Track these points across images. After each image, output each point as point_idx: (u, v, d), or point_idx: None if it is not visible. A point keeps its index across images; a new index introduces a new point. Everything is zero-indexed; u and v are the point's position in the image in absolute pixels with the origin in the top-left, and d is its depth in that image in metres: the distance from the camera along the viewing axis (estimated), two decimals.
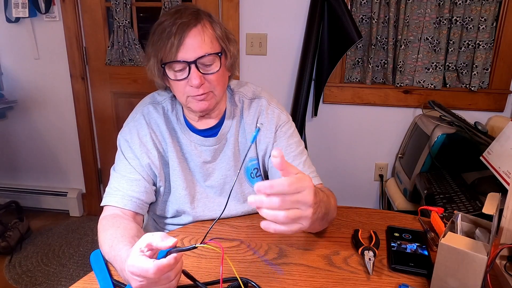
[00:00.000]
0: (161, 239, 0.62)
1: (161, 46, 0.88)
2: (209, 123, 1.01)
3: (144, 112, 0.99)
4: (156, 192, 1.01)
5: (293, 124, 1.07)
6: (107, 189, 0.95)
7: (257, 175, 1.05)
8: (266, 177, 1.06)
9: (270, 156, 1.02)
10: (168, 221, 1.05)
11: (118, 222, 0.86)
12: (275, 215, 0.61)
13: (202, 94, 0.90)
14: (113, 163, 1.00)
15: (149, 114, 0.99)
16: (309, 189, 0.63)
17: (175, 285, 0.65)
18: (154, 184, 0.99)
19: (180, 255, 0.62)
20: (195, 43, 0.87)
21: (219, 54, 0.90)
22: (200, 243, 0.61)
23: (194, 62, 0.87)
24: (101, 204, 0.94)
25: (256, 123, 1.02)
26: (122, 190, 0.92)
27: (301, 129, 2.15)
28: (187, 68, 0.88)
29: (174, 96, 0.99)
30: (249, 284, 0.75)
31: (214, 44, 0.90)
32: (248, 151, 1.01)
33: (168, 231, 1.04)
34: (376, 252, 0.84)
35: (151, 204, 1.01)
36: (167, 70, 0.91)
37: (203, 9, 0.93)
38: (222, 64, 0.92)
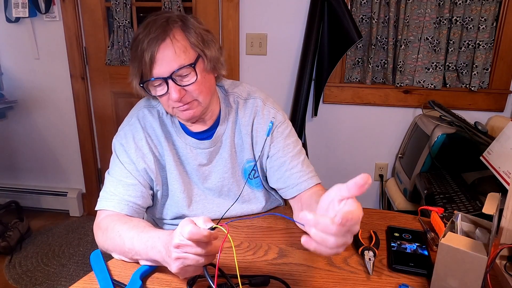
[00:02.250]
0: (202, 222, 0.65)
1: (137, 64, 0.87)
2: (204, 125, 1.00)
3: (139, 115, 0.99)
4: (154, 196, 1.00)
5: (290, 124, 1.05)
6: (102, 193, 0.94)
7: (255, 176, 1.05)
8: (264, 177, 1.06)
9: (268, 157, 1.02)
10: (167, 222, 1.05)
11: (129, 218, 0.88)
12: (325, 239, 0.57)
13: (185, 104, 0.90)
14: None
15: (144, 117, 0.99)
16: (359, 219, 0.57)
17: (204, 262, 0.66)
18: (151, 189, 0.98)
19: (215, 235, 0.64)
20: (167, 58, 0.85)
21: (193, 65, 0.87)
22: (215, 226, 0.65)
23: (170, 77, 0.86)
24: (96, 208, 0.93)
25: (252, 124, 1.01)
26: (118, 195, 0.91)
27: (301, 129, 2.15)
28: (165, 83, 0.87)
29: None
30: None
31: (188, 53, 0.87)
32: (264, 144, 1.00)
33: None
34: (376, 252, 0.84)
35: (149, 208, 1.01)
36: (147, 88, 0.90)
37: (175, 15, 0.90)
38: (199, 71, 0.89)
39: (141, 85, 0.89)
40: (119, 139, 0.98)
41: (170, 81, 0.86)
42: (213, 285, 0.63)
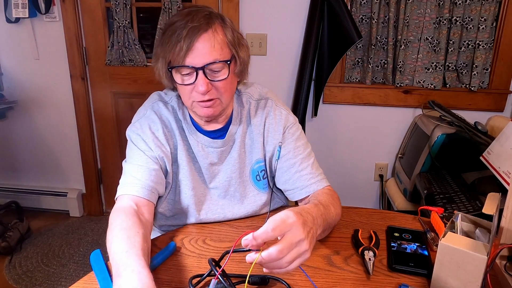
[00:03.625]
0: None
1: (170, 48, 0.87)
2: (216, 125, 1.00)
3: (155, 108, 0.98)
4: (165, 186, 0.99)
5: (300, 126, 1.06)
6: (123, 179, 0.92)
7: (263, 177, 1.05)
8: (272, 178, 1.06)
9: (278, 158, 1.02)
10: (169, 221, 1.04)
11: (132, 223, 0.79)
12: (278, 265, 0.63)
13: (208, 101, 0.89)
14: (114, 163, 1.00)
15: (160, 110, 0.98)
16: (295, 225, 0.64)
17: None
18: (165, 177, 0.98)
19: None
20: (205, 49, 0.85)
21: (228, 62, 0.88)
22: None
23: (202, 68, 0.86)
24: (118, 194, 0.89)
25: (264, 124, 1.01)
26: (142, 179, 0.89)
27: None
28: (195, 73, 0.87)
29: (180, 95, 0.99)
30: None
31: (224, 50, 0.88)
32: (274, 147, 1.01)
33: (165, 232, 1.03)
34: (376, 252, 0.84)
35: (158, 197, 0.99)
36: (174, 74, 0.90)
37: (216, 12, 0.91)
38: (231, 71, 0.90)
39: (170, 69, 0.89)
40: (135, 130, 0.96)
41: (200, 73, 0.86)
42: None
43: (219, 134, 1.00)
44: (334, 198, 0.95)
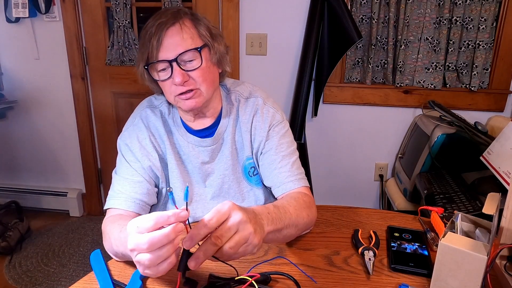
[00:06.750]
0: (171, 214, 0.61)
1: (145, 49, 0.89)
2: (205, 123, 1.01)
3: (142, 115, 1.00)
4: (158, 193, 1.01)
5: (287, 124, 1.06)
6: (110, 192, 0.95)
7: (254, 173, 1.05)
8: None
9: (261, 154, 1.02)
10: None
11: (125, 218, 0.86)
12: (222, 253, 0.61)
13: (188, 92, 0.90)
14: (113, 163, 1.01)
15: (147, 117, 1.00)
16: (234, 210, 0.62)
17: (174, 261, 0.62)
18: (156, 186, 0.99)
19: (179, 228, 0.60)
20: (174, 41, 0.88)
21: (199, 49, 0.90)
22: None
23: (175, 60, 0.88)
24: (105, 207, 0.94)
25: (252, 122, 1.02)
26: (126, 193, 0.92)
27: (301, 129, 2.15)
28: (170, 67, 0.89)
29: None
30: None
31: (195, 40, 0.90)
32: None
33: None
34: (376, 252, 0.84)
35: (153, 206, 1.01)
36: (151, 72, 0.92)
37: (185, 9, 0.94)
38: (205, 59, 0.91)
39: (146, 67, 0.91)
40: (124, 139, 0.99)
41: (174, 64, 0.88)
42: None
43: (208, 132, 1.01)
44: (300, 200, 0.89)
